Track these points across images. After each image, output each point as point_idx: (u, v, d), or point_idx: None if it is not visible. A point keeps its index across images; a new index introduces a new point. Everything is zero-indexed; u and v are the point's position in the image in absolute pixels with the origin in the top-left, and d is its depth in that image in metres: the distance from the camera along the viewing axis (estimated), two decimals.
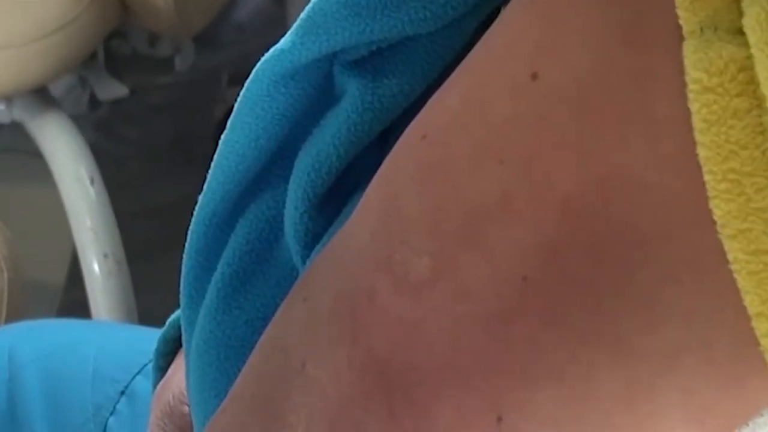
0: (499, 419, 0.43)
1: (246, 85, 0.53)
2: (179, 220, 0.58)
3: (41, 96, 1.71)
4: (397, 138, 0.50)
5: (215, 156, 0.58)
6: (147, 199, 1.92)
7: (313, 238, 0.58)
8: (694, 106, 0.39)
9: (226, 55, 1.87)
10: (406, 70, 0.53)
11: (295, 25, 0.51)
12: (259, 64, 0.52)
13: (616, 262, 0.40)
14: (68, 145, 1.66)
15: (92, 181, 1.63)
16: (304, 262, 0.58)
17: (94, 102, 1.81)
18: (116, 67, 1.79)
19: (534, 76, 0.43)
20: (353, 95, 0.53)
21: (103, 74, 1.79)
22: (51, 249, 1.97)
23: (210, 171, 0.57)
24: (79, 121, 1.72)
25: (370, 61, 0.53)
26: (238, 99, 0.54)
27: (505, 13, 0.48)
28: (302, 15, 0.51)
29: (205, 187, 0.57)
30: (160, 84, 1.81)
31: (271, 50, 0.52)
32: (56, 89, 1.76)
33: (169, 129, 1.86)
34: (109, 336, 0.99)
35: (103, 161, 1.72)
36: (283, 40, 0.52)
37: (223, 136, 0.58)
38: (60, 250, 1.97)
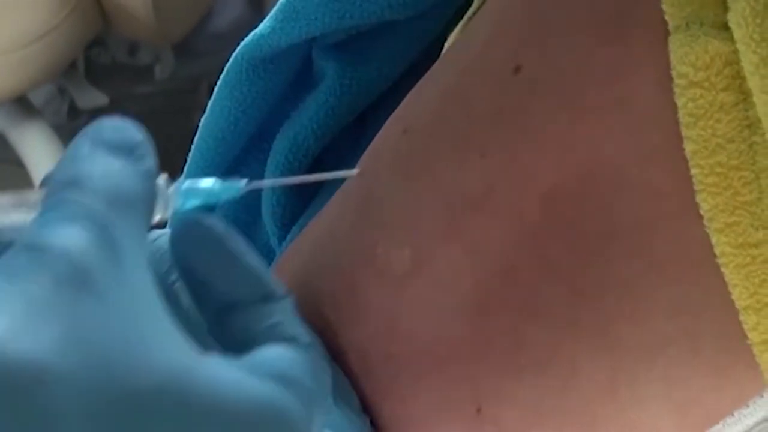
0: (479, 410, 0.43)
1: (225, 69, 0.53)
2: None
3: (22, 105, 1.70)
4: (375, 121, 0.50)
5: (195, 139, 0.58)
6: None
7: (290, 219, 0.58)
8: (680, 101, 0.39)
9: (205, 64, 1.86)
10: (384, 54, 0.53)
11: (274, 10, 0.51)
12: (238, 49, 0.53)
13: (599, 253, 0.40)
14: (49, 154, 1.65)
15: None
16: (280, 244, 0.58)
17: (74, 111, 1.80)
18: (96, 76, 1.78)
19: (516, 70, 0.43)
20: (331, 78, 0.53)
21: (83, 83, 1.78)
22: None
23: (190, 154, 0.57)
24: (59, 130, 1.71)
25: (349, 46, 0.53)
26: (218, 83, 0.54)
27: (488, 4, 0.48)
28: (281, 0, 0.51)
29: (185, 169, 0.57)
30: (140, 93, 1.81)
31: (250, 35, 0.52)
32: (36, 98, 1.75)
33: (149, 137, 1.85)
34: None
35: None
36: (262, 25, 0.52)
37: (202, 120, 0.58)
38: None
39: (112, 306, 0.29)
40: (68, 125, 1.84)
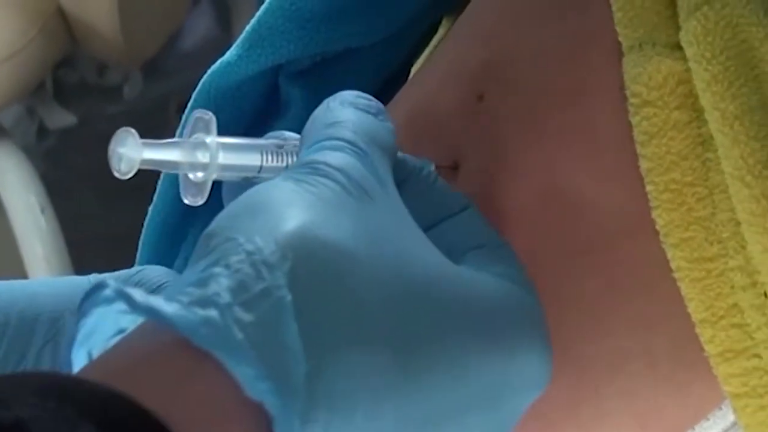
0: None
1: (193, 97, 0.53)
2: (131, 249, 0.57)
3: None
4: None
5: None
6: (98, 228, 1.90)
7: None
8: (634, 120, 0.40)
9: (174, 84, 1.86)
10: (350, 80, 0.53)
11: (240, 39, 0.52)
12: (205, 77, 0.53)
13: (560, 271, 0.41)
14: (18, 175, 1.64)
15: (43, 211, 1.61)
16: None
17: (43, 132, 1.79)
18: (65, 96, 1.77)
19: (480, 98, 0.44)
20: (298, 106, 0.53)
21: (52, 104, 1.77)
22: (2, 278, 1.94)
23: (159, 182, 0.57)
24: (28, 150, 1.70)
25: (315, 72, 0.53)
26: (186, 111, 0.53)
27: (453, 31, 0.49)
28: (247, 28, 0.51)
29: (155, 197, 0.56)
30: (109, 113, 1.80)
31: (217, 63, 0.52)
32: (5, 119, 1.74)
33: None
34: None
35: (54, 191, 1.70)
36: (228, 53, 0.52)
37: None
38: (12, 279, 1.93)
39: (386, 214, 0.34)
40: (37, 146, 1.83)
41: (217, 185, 0.40)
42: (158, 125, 1.79)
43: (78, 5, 1.54)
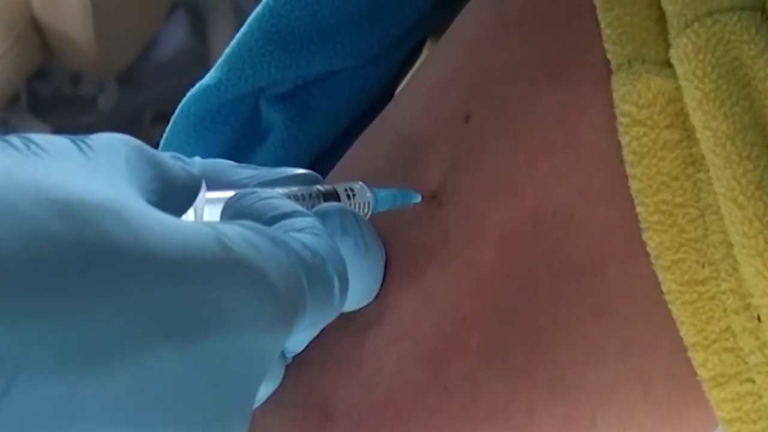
0: None
1: (172, 120, 0.52)
2: None
3: None
4: (325, 171, 0.49)
5: None
6: None
7: None
8: (624, 139, 0.39)
9: (149, 94, 1.84)
10: (332, 103, 0.53)
11: (219, 61, 0.51)
12: (184, 100, 0.52)
13: (552, 296, 0.40)
14: None
15: None
16: None
17: None
18: (39, 108, 1.76)
19: (467, 119, 0.43)
20: (279, 129, 0.52)
21: (27, 115, 1.76)
22: None
23: None
24: None
25: (296, 95, 0.52)
26: (165, 135, 0.52)
27: (436, 51, 0.48)
28: (227, 51, 0.51)
29: None
30: (84, 124, 1.78)
31: (197, 86, 0.51)
32: None
33: None
34: None
35: None
36: (208, 76, 0.51)
37: None
38: None
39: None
40: None
41: None
42: (133, 135, 1.78)
43: (52, 15, 1.53)
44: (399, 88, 0.54)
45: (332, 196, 0.41)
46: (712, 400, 0.39)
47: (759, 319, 0.37)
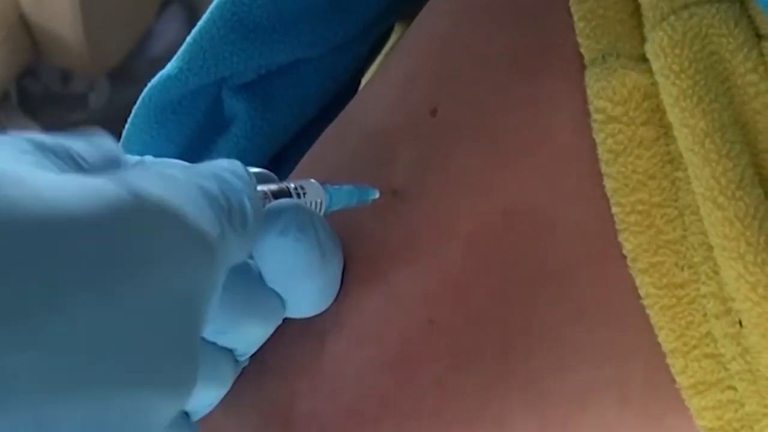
0: None
1: (133, 112, 0.51)
2: None
3: None
4: (289, 163, 0.48)
5: None
6: None
7: None
8: (599, 137, 0.39)
9: (142, 90, 1.84)
10: (297, 93, 0.52)
11: (180, 50, 0.50)
12: (145, 91, 0.51)
13: (525, 299, 0.39)
14: None
15: None
16: None
17: None
18: (30, 106, 1.75)
19: (433, 112, 0.42)
20: (243, 120, 0.51)
21: (17, 114, 1.75)
22: None
23: None
24: None
25: (260, 85, 0.51)
26: (126, 126, 0.52)
27: (402, 41, 0.47)
28: (188, 39, 0.50)
29: None
30: (75, 122, 1.78)
31: (157, 76, 0.50)
32: None
33: None
34: None
35: None
36: (169, 66, 0.50)
37: None
38: None
39: None
40: None
41: None
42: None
43: (41, 13, 1.53)
44: (366, 77, 0.53)
45: (283, 194, 0.40)
46: (693, 408, 0.38)
47: (740, 323, 0.37)
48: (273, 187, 0.40)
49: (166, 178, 0.30)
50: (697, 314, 0.37)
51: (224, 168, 0.34)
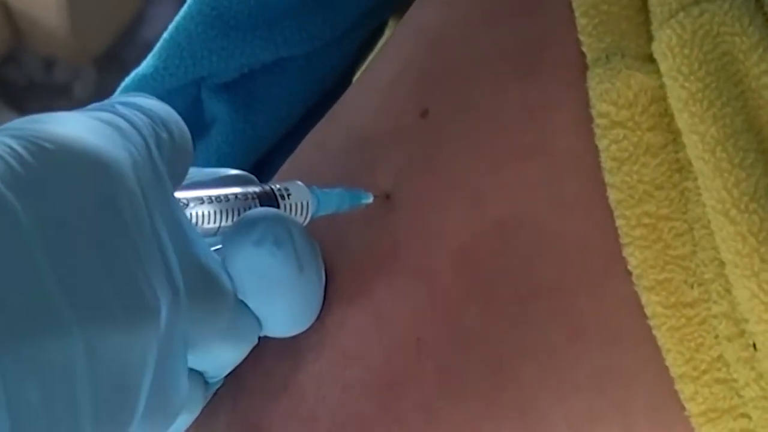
0: None
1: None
2: None
3: None
4: (273, 170, 0.48)
5: None
6: None
7: None
8: (602, 143, 0.38)
9: None
10: (282, 93, 0.52)
11: (156, 47, 0.50)
12: (118, 91, 0.51)
13: (519, 318, 0.39)
14: None
15: None
16: None
17: None
18: (12, 96, 1.75)
19: (423, 114, 0.42)
20: (223, 123, 0.51)
21: None
22: None
23: None
24: None
25: (242, 85, 0.51)
26: None
27: (391, 39, 0.46)
28: (164, 36, 0.50)
29: None
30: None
31: (131, 75, 0.50)
32: None
33: None
34: None
35: None
36: (144, 64, 0.50)
37: None
38: None
39: None
40: None
41: None
42: None
43: None
44: (357, 76, 0.53)
45: (266, 197, 0.40)
46: None
47: (754, 347, 0.36)
48: (254, 189, 0.39)
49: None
50: (707, 336, 0.37)
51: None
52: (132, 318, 0.31)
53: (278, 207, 0.40)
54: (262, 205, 0.39)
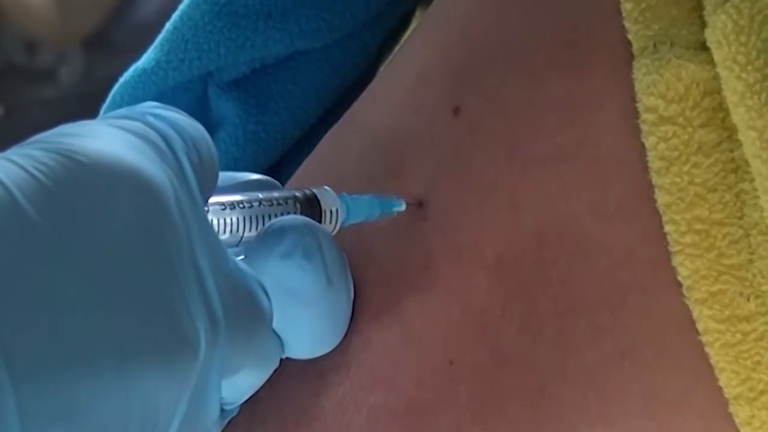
0: None
1: (101, 112, 0.51)
2: None
3: None
4: (289, 176, 0.48)
5: None
6: None
7: None
8: (649, 141, 0.38)
9: (125, 63, 1.85)
10: (297, 91, 0.52)
11: (158, 39, 0.50)
12: (116, 88, 0.51)
13: (559, 336, 0.39)
14: None
15: None
16: None
17: None
18: None
19: (456, 111, 0.42)
20: (232, 124, 0.51)
21: None
22: None
23: None
24: None
25: (253, 82, 0.52)
26: None
27: (420, 29, 0.47)
28: (167, 26, 0.50)
29: None
30: (43, 99, 1.79)
31: (130, 70, 0.51)
32: None
33: None
34: None
35: None
36: (144, 58, 0.51)
37: None
38: None
39: None
40: None
41: None
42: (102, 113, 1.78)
43: None
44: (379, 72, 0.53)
45: (309, 204, 0.40)
46: None
47: None
48: (276, 194, 0.40)
49: None
50: (765, 354, 0.37)
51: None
52: (171, 356, 0.31)
53: (321, 214, 0.40)
54: (302, 213, 0.40)
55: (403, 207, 0.42)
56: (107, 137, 0.32)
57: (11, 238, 0.29)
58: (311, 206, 0.40)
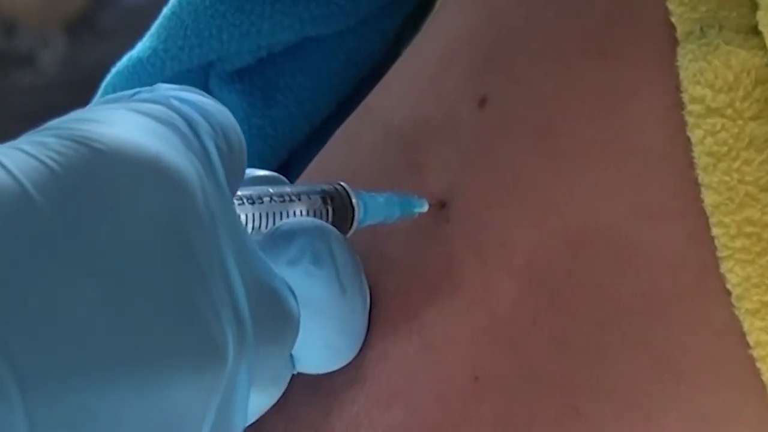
0: None
1: (92, 104, 0.51)
2: None
3: None
4: (299, 174, 0.49)
5: None
6: None
7: None
8: (695, 135, 0.38)
9: (112, 47, 1.85)
10: (308, 82, 0.52)
11: (155, 26, 0.50)
12: (108, 78, 0.52)
13: (596, 350, 0.39)
14: None
15: None
16: None
17: None
18: None
19: (482, 102, 0.43)
20: (237, 118, 0.50)
21: None
22: None
23: None
24: None
25: (259, 72, 0.52)
26: None
27: (441, 13, 0.47)
28: (165, 12, 0.50)
29: None
30: (21, 86, 1.81)
31: (124, 59, 0.51)
32: None
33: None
34: None
35: None
36: (139, 47, 0.51)
37: None
38: None
39: None
40: None
41: None
42: (88, 101, 1.78)
43: None
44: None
45: (337, 199, 0.40)
46: None
47: None
48: (288, 189, 0.40)
49: None
50: None
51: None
52: (197, 362, 0.31)
53: (353, 212, 0.41)
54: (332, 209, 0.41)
55: (426, 208, 0.42)
56: (127, 123, 0.32)
57: (20, 233, 0.29)
58: (325, 204, 0.41)
